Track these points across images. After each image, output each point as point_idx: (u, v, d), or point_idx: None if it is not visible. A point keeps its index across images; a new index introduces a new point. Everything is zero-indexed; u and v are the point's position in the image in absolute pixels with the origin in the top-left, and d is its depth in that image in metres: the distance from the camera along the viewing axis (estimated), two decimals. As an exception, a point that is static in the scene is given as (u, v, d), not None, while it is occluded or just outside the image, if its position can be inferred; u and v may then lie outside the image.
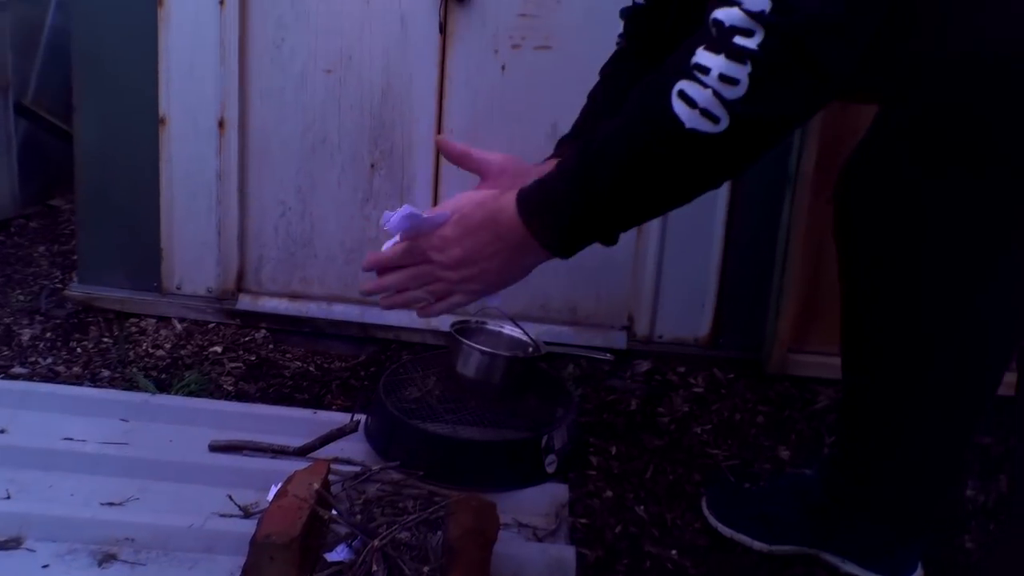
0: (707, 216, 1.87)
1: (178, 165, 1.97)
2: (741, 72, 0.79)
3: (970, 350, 1.07)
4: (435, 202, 1.95)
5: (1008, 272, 1.02)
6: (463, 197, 1.08)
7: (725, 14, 0.80)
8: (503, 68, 1.88)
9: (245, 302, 2.03)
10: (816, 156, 1.71)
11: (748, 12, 0.78)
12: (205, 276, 2.03)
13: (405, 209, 1.03)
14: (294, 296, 2.04)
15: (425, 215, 1.04)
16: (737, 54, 0.79)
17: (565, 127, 1.86)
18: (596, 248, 1.81)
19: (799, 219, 1.77)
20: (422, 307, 1.09)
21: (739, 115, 0.80)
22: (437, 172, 1.95)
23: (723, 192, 1.85)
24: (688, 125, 0.82)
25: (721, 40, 0.80)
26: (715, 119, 0.81)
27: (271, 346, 1.97)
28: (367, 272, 1.14)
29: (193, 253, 2.01)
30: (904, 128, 1.01)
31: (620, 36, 1.34)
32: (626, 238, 1.89)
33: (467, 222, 1.01)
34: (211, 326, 2.02)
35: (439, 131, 1.93)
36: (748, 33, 0.78)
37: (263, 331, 2.02)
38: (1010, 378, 1.08)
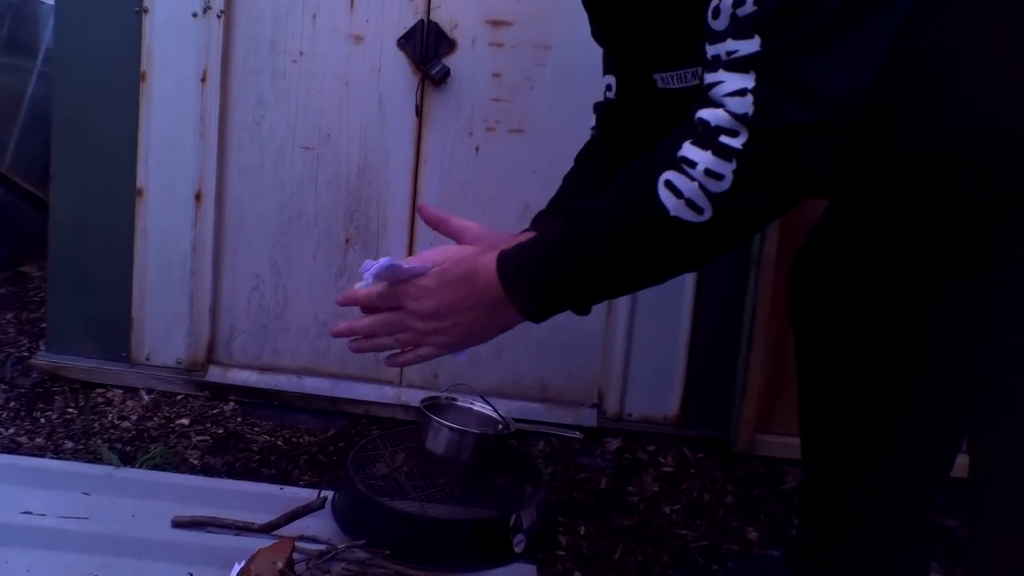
0: (675, 296, 1.91)
1: (153, 236, 1.99)
2: (726, 168, 0.83)
3: (920, 435, 1.08)
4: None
5: (947, 363, 1.04)
6: (446, 250, 1.09)
7: (711, 114, 0.84)
8: (477, 149, 1.93)
9: (215, 374, 2.02)
10: (778, 240, 1.76)
11: (732, 114, 0.82)
12: (175, 347, 2.02)
13: (386, 260, 1.03)
14: (264, 368, 2.03)
15: (405, 265, 1.05)
16: (723, 152, 0.83)
17: (536, 207, 1.91)
18: (567, 324, 1.83)
19: (763, 301, 1.81)
20: (389, 356, 1.10)
21: (722, 207, 0.84)
22: (411, 248, 1.98)
23: (691, 273, 1.89)
24: (673, 213, 0.85)
25: (707, 138, 0.84)
26: (699, 209, 0.85)
27: (239, 419, 1.96)
28: (342, 307, 1.13)
29: (164, 323, 2.01)
30: (846, 226, 1.05)
31: (594, 127, 1.39)
32: (596, 315, 1.93)
33: (446, 276, 1.03)
34: (179, 398, 2.01)
35: (414, 209, 1.96)
36: (733, 133, 0.83)
37: (232, 403, 2.00)
38: (963, 460, 1.10)
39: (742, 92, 0.82)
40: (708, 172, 0.83)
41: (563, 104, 1.88)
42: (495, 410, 1.60)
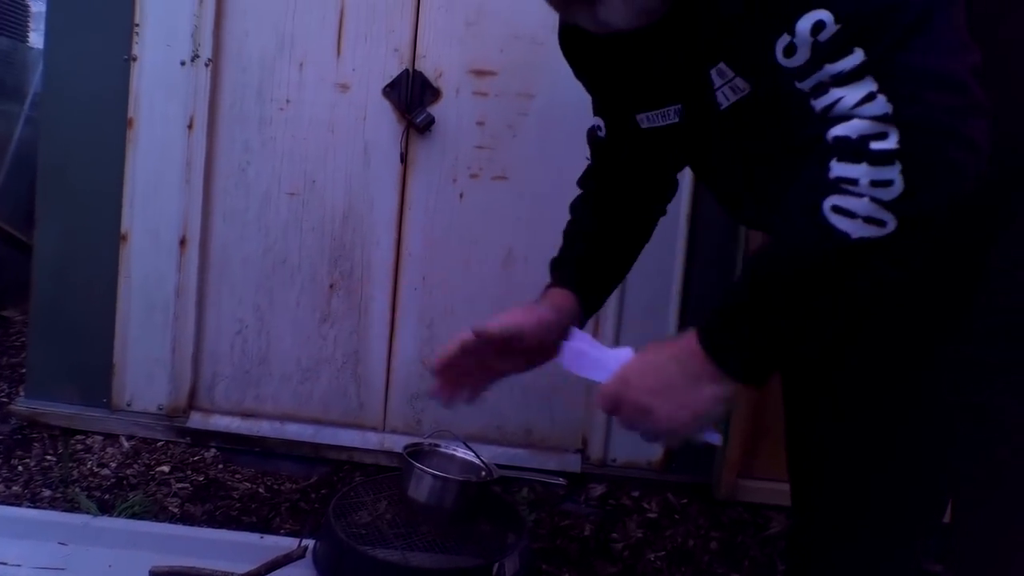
0: (658, 338, 1.91)
1: (137, 281, 1.99)
2: (891, 172, 0.80)
3: (901, 482, 1.09)
4: (392, 319, 1.99)
5: (927, 411, 1.05)
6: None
7: (848, 128, 0.81)
8: (461, 196, 1.95)
9: (196, 420, 2.01)
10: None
11: (873, 118, 0.80)
12: (157, 393, 2.01)
13: (580, 340, 1.07)
14: (247, 414, 2.02)
15: (601, 351, 1.06)
16: (880, 158, 0.80)
17: (520, 252, 1.95)
18: (550, 370, 1.84)
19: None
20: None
21: (905, 211, 0.81)
22: (395, 293, 1.99)
23: (671, 314, 1.90)
24: (855, 236, 0.82)
25: (856, 150, 0.81)
26: (880, 223, 0.81)
27: (220, 465, 1.94)
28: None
29: (146, 369, 2.00)
30: None
31: (588, 157, 1.41)
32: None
33: (652, 357, 1.00)
34: (160, 444, 1.99)
35: (398, 254, 1.98)
36: (882, 136, 0.80)
37: (213, 450, 1.98)
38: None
39: (870, 97, 0.80)
40: (874, 183, 0.80)
41: (545, 152, 1.91)
42: (478, 456, 1.60)
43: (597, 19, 0.99)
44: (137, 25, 1.95)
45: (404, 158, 1.94)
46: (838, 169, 0.82)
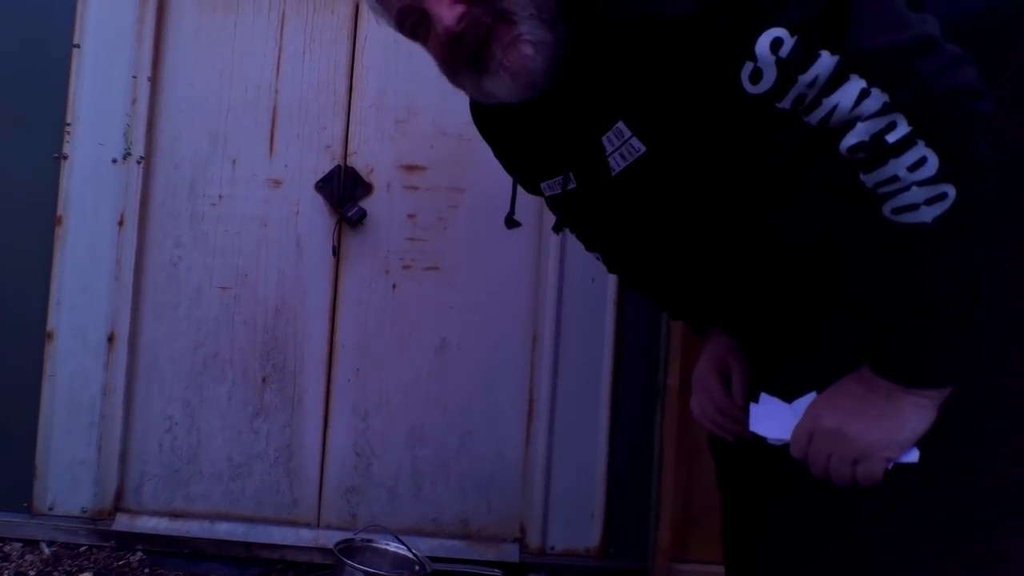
0: (591, 424, 1.94)
1: (62, 380, 1.94)
2: (919, 152, 0.80)
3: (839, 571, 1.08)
4: (326, 412, 1.97)
5: (859, 514, 1.05)
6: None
7: (856, 132, 0.81)
8: (394, 287, 1.98)
9: (122, 522, 1.94)
10: (680, 371, 1.82)
11: (875, 113, 0.80)
12: (81, 496, 1.94)
13: (766, 402, 1.03)
14: (175, 515, 1.97)
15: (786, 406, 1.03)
16: (902, 145, 0.80)
17: (453, 340, 1.97)
18: (488, 456, 1.84)
19: (670, 432, 1.84)
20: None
21: (954, 174, 0.81)
22: (328, 385, 1.98)
23: (603, 403, 1.93)
24: (930, 219, 0.82)
25: (877, 151, 0.81)
26: (942, 195, 0.81)
27: (147, 570, 1.87)
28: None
29: (70, 471, 1.94)
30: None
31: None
32: (515, 447, 1.95)
33: (838, 387, 0.97)
34: (83, 549, 1.91)
35: (332, 346, 1.98)
36: (891, 126, 0.80)
37: (140, 553, 1.92)
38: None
39: (864, 94, 0.81)
40: (911, 168, 0.80)
41: (476, 242, 1.95)
42: (411, 551, 1.58)
43: (483, 90, 0.99)
44: (69, 124, 1.97)
45: (337, 251, 1.97)
46: (872, 176, 0.82)
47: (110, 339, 1.95)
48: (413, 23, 0.99)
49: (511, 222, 1.16)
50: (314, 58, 2.00)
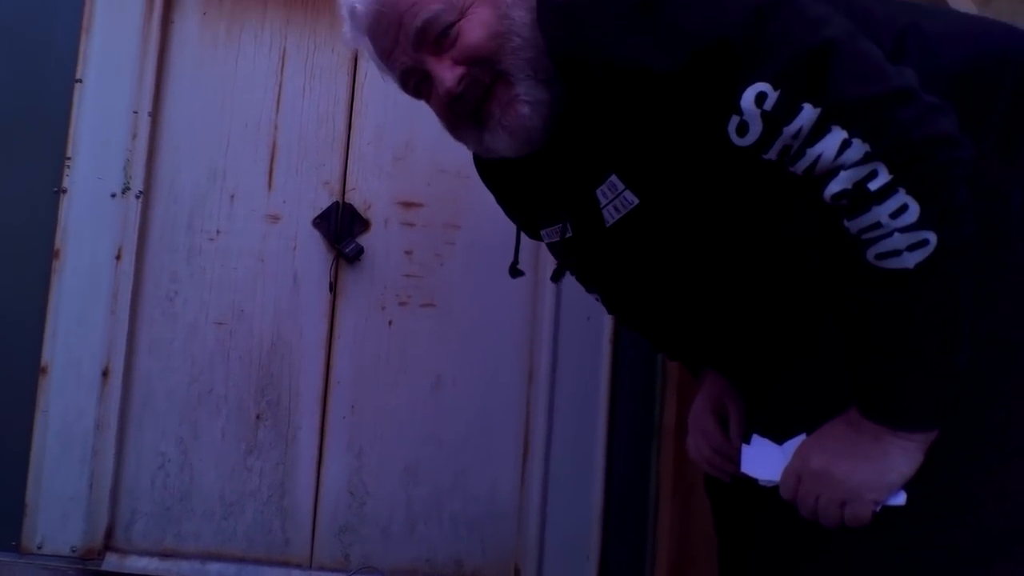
0: (586, 465, 1.91)
1: (55, 415, 1.93)
2: (901, 199, 0.82)
3: None
4: (320, 449, 1.95)
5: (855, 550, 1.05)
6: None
7: (839, 181, 0.83)
8: (390, 323, 1.97)
9: (111, 562, 1.91)
10: (676, 409, 1.81)
11: (856, 162, 0.82)
12: (70, 534, 1.91)
13: (757, 443, 1.03)
14: (166, 554, 1.94)
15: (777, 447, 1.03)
16: (883, 192, 0.82)
17: (449, 377, 1.96)
18: (481, 497, 1.82)
19: (665, 470, 1.83)
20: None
21: (934, 221, 0.82)
22: (323, 422, 1.96)
23: (599, 441, 1.91)
24: (912, 265, 0.84)
25: (860, 199, 0.83)
26: (923, 242, 0.83)
27: (135, 610, 1.84)
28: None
29: (60, 508, 1.91)
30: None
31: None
32: (510, 487, 1.92)
33: (826, 428, 0.98)
34: (71, 589, 1.88)
35: (327, 382, 1.97)
36: (872, 174, 0.82)
37: (128, 593, 1.89)
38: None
39: (846, 144, 0.83)
40: (893, 215, 0.82)
41: (472, 279, 1.95)
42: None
43: (483, 145, 1.05)
44: (69, 158, 1.97)
45: (333, 287, 1.96)
46: (855, 223, 0.84)
47: (104, 373, 1.94)
48: (416, 82, 1.06)
49: (515, 271, 1.21)
50: (314, 95, 2.01)
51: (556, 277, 1.21)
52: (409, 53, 1.02)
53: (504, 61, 0.99)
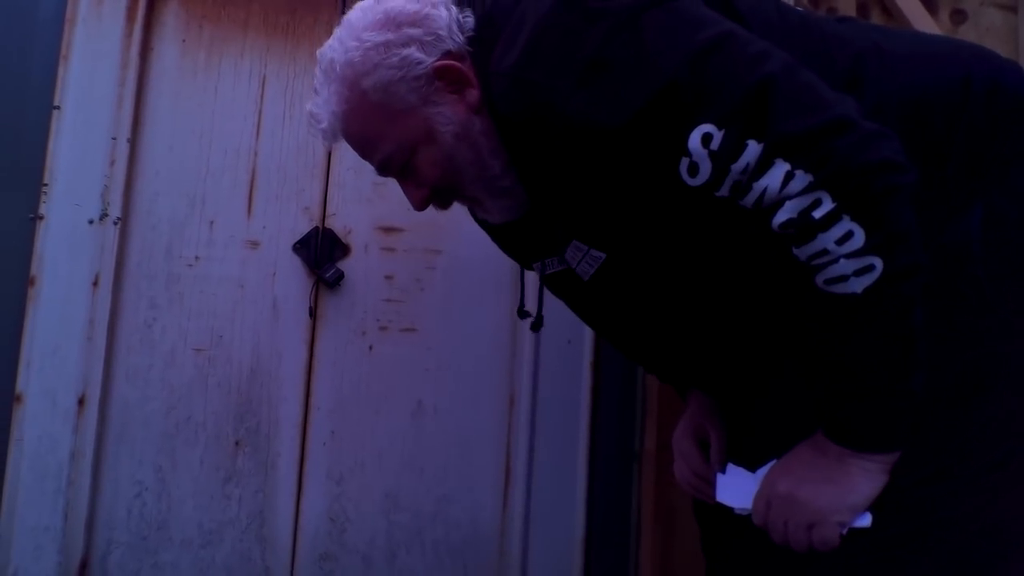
0: (568, 490, 1.91)
1: (29, 445, 1.90)
2: (846, 226, 0.84)
3: None
4: (300, 476, 1.94)
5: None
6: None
7: (785, 211, 0.86)
8: (370, 348, 1.96)
9: (86, 594, 1.88)
10: (656, 434, 1.82)
11: (800, 192, 0.85)
12: (44, 566, 1.88)
13: (732, 472, 1.05)
14: (142, 585, 1.91)
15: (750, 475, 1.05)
16: (828, 220, 0.84)
17: (429, 403, 1.95)
18: (463, 523, 1.82)
19: (647, 495, 1.84)
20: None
21: (879, 246, 0.85)
22: (303, 449, 1.95)
23: (580, 466, 1.91)
24: (860, 290, 0.86)
25: (803, 227, 0.85)
26: (869, 267, 0.85)
27: (110, 643, 1.81)
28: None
29: (33, 540, 1.88)
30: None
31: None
32: (490, 512, 1.92)
33: (793, 453, 1.00)
34: (44, 622, 1.85)
35: (307, 409, 1.95)
36: (817, 203, 0.84)
37: (103, 626, 1.85)
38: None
39: (789, 176, 0.85)
40: (839, 241, 0.85)
41: (453, 304, 1.96)
42: (385, 621, 1.54)
43: (477, 214, 1.18)
44: (46, 184, 1.96)
45: (313, 313, 1.96)
46: (802, 251, 0.87)
47: (80, 402, 1.91)
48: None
49: (522, 313, 1.27)
50: (294, 122, 2.02)
51: (535, 327, 1.24)
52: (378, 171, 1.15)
53: (467, 190, 1.08)
